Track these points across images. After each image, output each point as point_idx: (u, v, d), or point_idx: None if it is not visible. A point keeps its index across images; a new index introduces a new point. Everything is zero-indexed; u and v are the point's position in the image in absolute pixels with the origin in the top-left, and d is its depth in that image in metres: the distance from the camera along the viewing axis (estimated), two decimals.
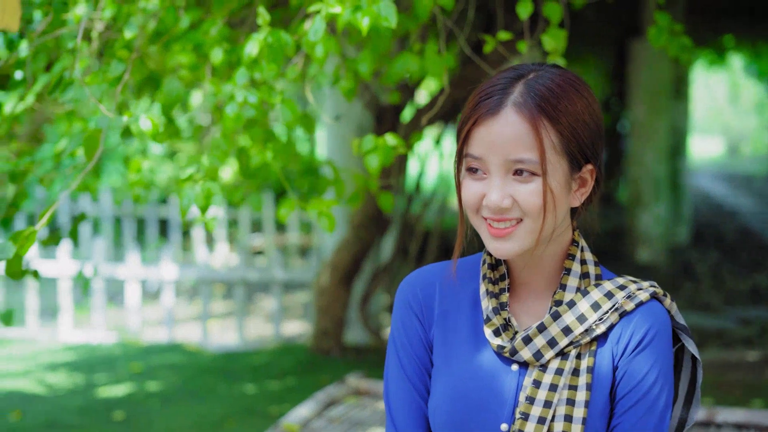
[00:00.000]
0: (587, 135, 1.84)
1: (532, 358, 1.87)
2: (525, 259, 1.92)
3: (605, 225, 14.62)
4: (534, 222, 1.82)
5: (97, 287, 8.21)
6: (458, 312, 1.98)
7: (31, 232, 2.76)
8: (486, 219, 1.85)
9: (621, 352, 1.86)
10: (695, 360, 1.98)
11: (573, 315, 1.86)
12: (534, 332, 1.87)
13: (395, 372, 2.00)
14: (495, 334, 1.89)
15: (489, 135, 1.81)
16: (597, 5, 11.19)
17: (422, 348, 1.99)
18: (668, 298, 1.92)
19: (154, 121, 2.88)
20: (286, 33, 2.99)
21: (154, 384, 6.71)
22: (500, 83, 1.85)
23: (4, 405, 6.17)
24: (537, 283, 1.94)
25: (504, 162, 1.80)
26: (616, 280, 1.92)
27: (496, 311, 1.91)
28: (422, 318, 1.99)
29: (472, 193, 1.85)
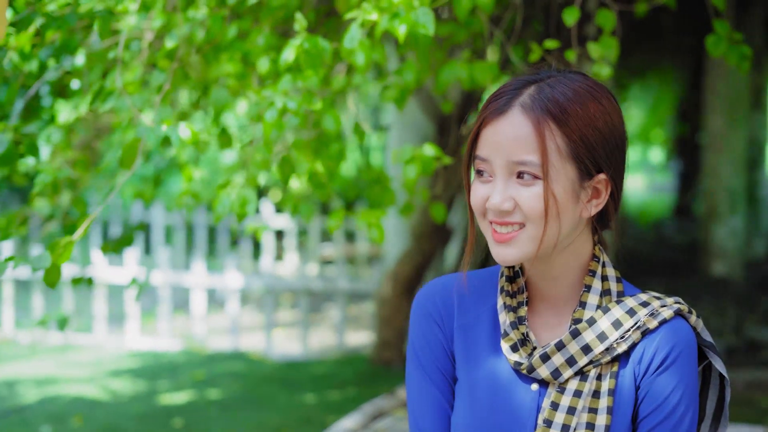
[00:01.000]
0: (599, 142, 1.77)
1: (550, 376, 1.80)
2: (541, 270, 1.85)
3: (681, 238, 14.38)
4: (536, 228, 1.75)
5: (163, 295, 8.30)
6: (478, 326, 1.92)
7: (68, 242, 2.77)
8: (491, 223, 1.79)
9: (643, 372, 1.79)
10: (723, 378, 1.90)
11: (593, 333, 1.79)
12: (552, 350, 1.80)
13: (418, 379, 1.93)
14: (512, 349, 1.83)
15: (494, 135, 1.77)
16: (675, 16, 11.04)
17: (444, 356, 1.93)
18: (693, 315, 1.84)
19: (194, 129, 2.87)
20: (324, 39, 2.96)
21: (215, 392, 6.75)
22: (514, 85, 1.80)
23: (67, 410, 6.25)
24: (556, 297, 1.87)
25: (507, 163, 1.75)
26: (638, 297, 1.84)
27: (513, 326, 1.84)
28: (443, 327, 1.93)
29: (479, 197, 1.80)
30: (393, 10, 2.81)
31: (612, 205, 1.85)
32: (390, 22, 2.82)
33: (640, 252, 12.86)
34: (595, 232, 1.88)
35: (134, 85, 3.14)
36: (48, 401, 6.48)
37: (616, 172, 1.81)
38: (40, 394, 6.64)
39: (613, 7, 3.64)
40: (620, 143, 1.81)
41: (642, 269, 11.48)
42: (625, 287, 1.88)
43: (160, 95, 3.02)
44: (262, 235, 7.43)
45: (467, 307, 1.93)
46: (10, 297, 8.47)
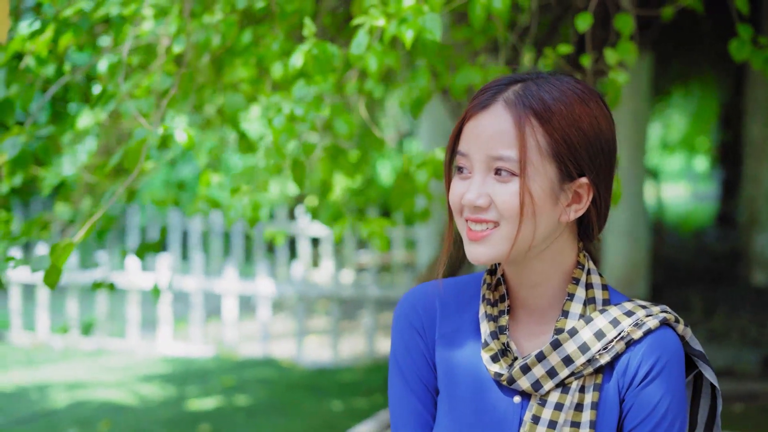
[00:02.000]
0: (583, 144, 1.71)
1: (531, 388, 1.74)
2: (521, 277, 1.79)
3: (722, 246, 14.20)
4: (511, 227, 1.70)
5: (196, 301, 8.32)
6: (460, 336, 1.86)
7: (68, 244, 2.76)
8: (467, 221, 1.74)
9: (628, 384, 1.73)
10: (715, 387, 1.84)
11: (575, 344, 1.73)
12: (533, 361, 1.74)
13: (400, 390, 1.88)
14: (493, 359, 1.77)
15: (475, 129, 1.72)
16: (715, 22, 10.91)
17: (426, 367, 1.87)
18: (681, 324, 1.78)
19: (190, 134, 2.86)
20: (333, 45, 2.94)
21: (243, 398, 6.75)
22: (501, 82, 1.76)
23: (94, 415, 6.28)
24: (538, 305, 1.81)
25: (486, 158, 1.70)
26: (623, 306, 1.77)
27: (494, 335, 1.78)
28: (425, 336, 1.88)
29: (456, 194, 1.75)
30: (401, 15, 2.79)
31: (594, 213, 1.78)
32: (398, 28, 2.80)
33: (679, 260, 12.71)
34: (580, 239, 1.82)
35: (144, 90, 3.14)
36: (77, 406, 6.52)
37: (599, 178, 1.75)
38: (70, 399, 6.68)
39: (631, 11, 3.59)
40: (606, 149, 1.75)
41: (681, 278, 11.35)
42: (611, 295, 1.81)
43: (166, 99, 3.02)
44: (298, 242, 7.31)
45: (450, 316, 1.88)
46: (46, 302, 8.54)
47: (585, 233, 1.82)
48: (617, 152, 1.80)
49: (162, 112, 2.93)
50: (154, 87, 3.23)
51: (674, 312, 1.79)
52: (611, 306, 1.78)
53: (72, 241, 2.82)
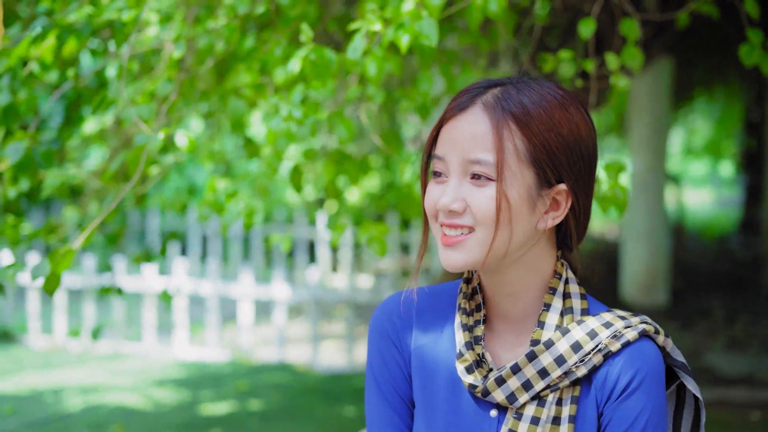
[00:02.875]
0: (562, 149, 1.68)
1: (506, 400, 1.71)
2: (498, 286, 1.76)
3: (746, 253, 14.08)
4: (486, 233, 1.66)
5: (212, 305, 8.34)
6: (437, 346, 1.82)
7: (67, 251, 2.77)
8: (442, 226, 1.71)
9: (606, 398, 1.70)
10: (698, 398, 1.81)
11: (551, 356, 1.69)
12: (508, 373, 1.70)
13: (376, 403, 1.86)
14: (467, 371, 1.74)
15: (452, 132, 1.70)
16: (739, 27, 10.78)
17: (402, 379, 1.85)
18: (661, 335, 1.74)
19: (191, 138, 2.86)
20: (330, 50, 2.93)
21: (257, 403, 6.75)
22: (480, 85, 1.73)
23: (108, 419, 6.30)
24: (515, 315, 1.77)
25: (462, 162, 1.67)
26: (602, 317, 1.74)
27: (469, 346, 1.75)
28: (401, 348, 1.85)
29: (432, 198, 1.72)
30: (399, 20, 2.77)
31: (573, 221, 1.75)
32: (395, 33, 2.78)
33: (701, 267, 12.63)
34: (559, 248, 1.79)
35: (146, 96, 3.14)
36: (91, 409, 6.53)
37: (578, 185, 1.71)
38: (84, 402, 6.70)
39: (635, 16, 3.56)
40: (586, 155, 1.72)
41: (702, 284, 11.27)
42: (590, 305, 1.78)
43: (166, 104, 3.02)
44: (317, 247, 7.25)
45: (426, 325, 1.85)
46: (63, 306, 8.58)
47: (564, 242, 1.80)
48: (597, 159, 1.77)
49: (162, 117, 2.93)
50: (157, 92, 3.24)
51: (654, 323, 1.75)
52: (589, 316, 1.74)
53: (71, 247, 2.82)
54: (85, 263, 8.29)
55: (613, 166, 2.87)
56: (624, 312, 1.77)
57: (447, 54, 3.82)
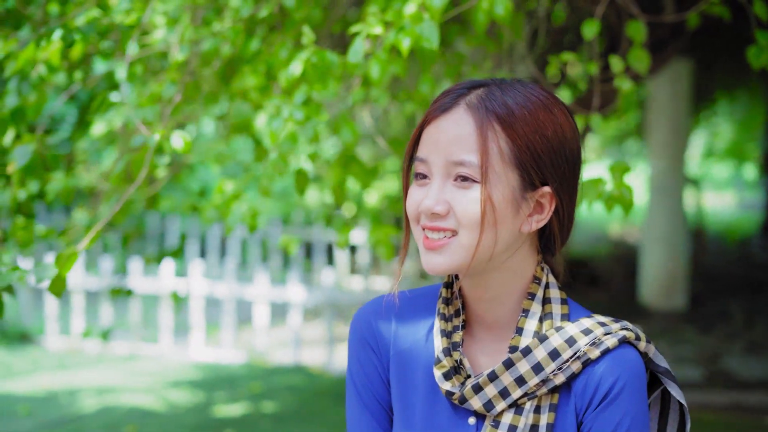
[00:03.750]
0: (546, 152, 1.65)
1: (483, 408, 1.68)
2: (478, 291, 1.73)
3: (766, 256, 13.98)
4: (469, 236, 1.63)
5: (227, 307, 8.36)
6: (416, 351, 1.80)
7: (72, 253, 2.78)
8: (424, 229, 1.67)
9: (586, 406, 1.66)
10: (682, 404, 1.78)
11: (528, 364, 1.66)
12: (485, 380, 1.68)
13: (356, 409, 1.84)
14: (445, 377, 1.71)
15: (435, 133, 1.66)
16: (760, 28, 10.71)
17: (381, 385, 1.82)
18: (643, 341, 1.71)
19: (186, 139, 2.86)
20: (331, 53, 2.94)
21: (270, 405, 6.76)
22: (463, 85, 1.70)
23: (122, 420, 6.33)
24: (495, 321, 1.74)
25: (445, 164, 1.64)
26: (581, 323, 1.70)
27: (446, 352, 1.72)
28: (379, 354, 1.82)
29: (413, 201, 1.68)
30: (400, 23, 2.77)
31: (557, 224, 1.73)
32: (396, 36, 2.78)
33: (721, 270, 12.55)
34: (540, 252, 1.76)
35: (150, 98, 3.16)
36: (105, 410, 6.56)
37: (562, 188, 1.69)
38: (99, 404, 6.74)
39: (642, 18, 3.55)
40: (570, 158, 1.70)
41: (722, 287, 11.21)
42: (571, 310, 1.75)
43: (170, 107, 3.03)
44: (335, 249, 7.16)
45: (405, 330, 1.82)
46: (81, 307, 8.62)
47: (546, 246, 1.77)
48: (581, 162, 1.76)
49: (166, 119, 2.94)
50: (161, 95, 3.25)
51: (636, 329, 1.72)
52: (569, 323, 1.71)
53: (76, 249, 2.84)
54: (103, 265, 8.33)
55: (618, 167, 2.86)
56: (605, 318, 1.73)
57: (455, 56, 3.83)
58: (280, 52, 3.51)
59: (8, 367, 7.86)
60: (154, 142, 2.80)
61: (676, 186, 10.24)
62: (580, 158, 1.73)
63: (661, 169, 10.22)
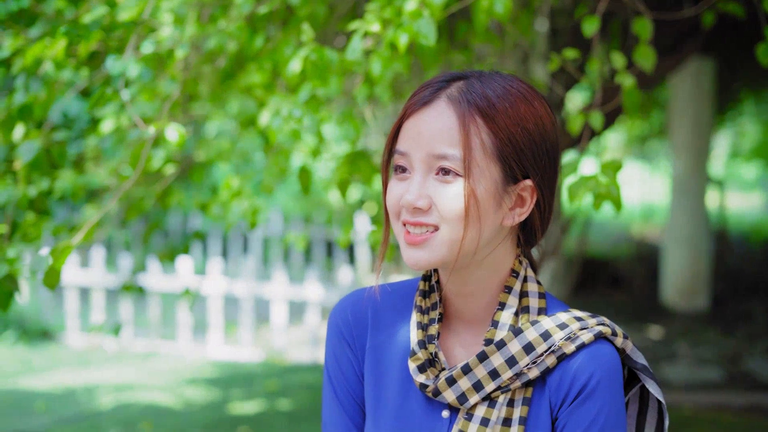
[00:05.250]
0: (528, 144, 1.65)
1: (456, 401, 1.68)
2: (457, 285, 1.72)
3: None
4: (451, 231, 1.62)
5: (245, 306, 8.38)
6: (392, 345, 1.79)
7: (67, 246, 2.80)
8: (405, 225, 1.66)
9: (560, 402, 1.66)
10: (661, 402, 1.77)
11: (502, 357, 1.65)
12: (458, 373, 1.67)
13: (331, 403, 1.84)
14: (420, 370, 1.71)
15: (416, 126, 1.65)
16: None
17: (356, 381, 1.82)
18: (620, 336, 1.69)
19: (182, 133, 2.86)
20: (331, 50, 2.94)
21: (286, 403, 6.77)
22: (442, 78, 1.69)
23: (138, 416, 6.36)
24: (473, 314, 1.74)
25: (427, 157, 1.63)
26: (557, 317, 1.69)
27: (422, 344, 1.71)
28: (354, 348, 1.82)
29: (394, 195, 1.67)
30: (398, 20, 2.77)
31: (538, 217, 1.72)
32: (394, 33, 2.78)
33: (745, 271, 12.45)
34: (519, 246, 1.76)
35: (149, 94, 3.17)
36: (122, 407, 6.60)
37: (543, 181, 1.69)
38: (116, 401, 6.78)
39: (648, 15, 3.52)
40: (551, 151, 1.69)
41: (746, 289, 11.12)
42: (548, 304, 1.74)
43: (169, 102, 3.04)
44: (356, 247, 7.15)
45: (383, 324, 1.82)
46: (101, 305, 8.68)
47: (526, 239, 1.77)
48: (560, 155, 1.75)
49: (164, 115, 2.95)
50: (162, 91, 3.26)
51: (613, 324, 1.71)
52: (545, 317, 1.70)
53: (71, 243, 2.86)
54: (122, 263, 8.38)
55: (611, 165, 2.84)
56: (582, 313, 1.72)
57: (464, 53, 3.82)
58: (285, 50, 3.52)
59: (28, 363, 7.92)
60: (151, 136, 2.81)
61: (699, 186, 10.18)
62: (559, 150, 1.73)
63: (683, 169, 10.16)
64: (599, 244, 14.29)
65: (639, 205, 15.96)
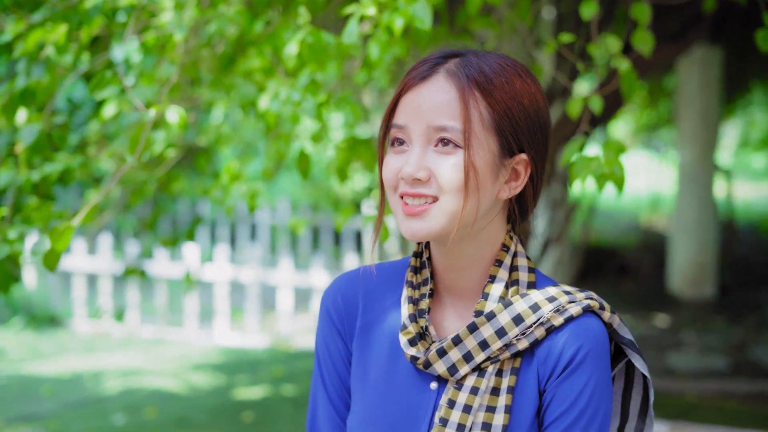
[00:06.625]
0: (523, 119, 1.68)
1: (447, 372, 1.69)
2: (450, 260, 1.74)
3: None
4: (450, 202, 1.63)
5: (252, 292, 8.41)
6: (382, 321, 1.81)
7: (67, 228, 2.82)
8: (402, 197, 1.67)
9: (548, 374, 1.67)
10: (646, 377, 1.78)
11: (492, 328, 1.67)
12: (449, 344, 1.69)
13: (320, 392, 1.85)
14: (410, 343, 1.72)
15: (415, 100, 1.67)
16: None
17: (344, 367, 1.84)
18: (607, 311, 1.71)
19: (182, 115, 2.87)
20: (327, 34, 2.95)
21: (291, 388, 6.81)
22: (438, 55, 1.72)
23: (143, 401, 6.41)
24: (463, 288, 1.75)
25: (426, 129, 1.65)
26: (546, 290, 1.71)
27: (412, 318, 1.73)
28: (343, 332, 1.84)
29: (391, 169, 1.68)
30: (395, 4, 2.78)
31: (531, 192, 1.75)
32: (390, 17, 2.79)
33: (753, 261, 12.43)
34: (509, 221, 1.78)
35: (147, 78, 3.19)
36: (128, 392, 6.65)
37: (537, 155, 1.72)
38: (122, 386, 6.82)
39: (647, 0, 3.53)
40: (544, 126, 1.73)
41: (753, 278, 11.11)
42: (538, 279, 1.76)
43: (168, 85, 3.06)
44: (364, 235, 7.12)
45: (374, 303, 1.83)
46: (108, 291, 8.72)
47: (520, 213, 1.79)
48: (551, 135, 1.77)
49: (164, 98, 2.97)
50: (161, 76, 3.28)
51: (601, 299, 1.73)
52: (534, 290, 1.72)
53: (71, 224, 2.88)
54: (129, 249, 8.42)
55: (613, 145, 2.85)
56: (570, 287, 1.74)
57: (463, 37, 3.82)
58: (284, 34, 3.53)
59: (36, 349, 7.98)
60: (150, 119, 2.83)
61: (706, 176, 10.17)
62: (550, 127, 1.76)
63: (690, 158, 10.15)
64: (607, 233, 14.29)
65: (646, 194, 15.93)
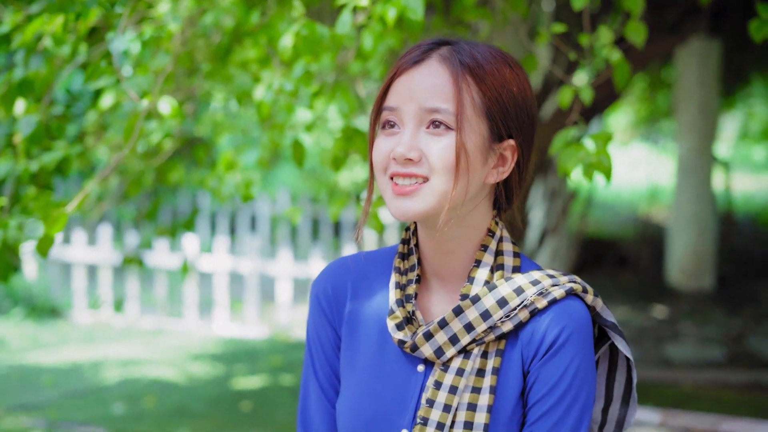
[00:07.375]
0: (512, 105, 1.73)
1: (434, 355, 1.73)
2: (437, 244, 1.77)
3: None
4: (441, 182, 1.67)
5: (251, 283, 8.45)
6: (369, 309, 1.85)
7: (61, 214, 2.86)
8: (392, 178, 1.70)
9: (532, 355, 1.71)
10: (629, 359, 1.82)
11: (477, 311, 1.71)
12: (435, 328, 1.73)
13: (310, 379, 1.89)
14: (398, 327, 1.76)
15: (408, 83, 1.71)
16: None
17: (334, 354, 1.87)
18: (590, 294, 1.75)
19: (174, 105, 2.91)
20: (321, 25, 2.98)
21: (289, 378, 6.85)
22: (431, 41, 1.76)
23: (143, 391, 6.45)
24: (450, 273, 1.79)
25: (419, 111, 1.69)
26: (530, 274, 1.75)
27: (400, 303, 1.77)
28: (332, 318, 1.87)
29: (381, 151, 1.72)
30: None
31: (516, 178, 1.79)
32: (383, 7, 2.82)
33: (752, 253, 12.45)
34: (495, 206, 1.82)
35: (142, 68, 3.22)
36: (127, 382, 6.69)
37: (524, 142, 1.77)
38: (121, 376, 6.86)
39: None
40: (531, 115, 1.78)
41: (752, 270, 11.13)
42: (522, 263, 1.80)
43: (162, 76, 3.09)
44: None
45: (363, 288, 1.87)
46: (108, 282, 8.76)
47: (506, 200, 1.83)
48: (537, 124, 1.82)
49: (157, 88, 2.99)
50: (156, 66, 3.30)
51: (584, 282, 1.76)
52: (519, 274, 1.76)
53: (65, 211, 2.92)
54: (128, 240, 8.45)
55: (601, 136, 2.88)
56: (554, 271, 1.78)
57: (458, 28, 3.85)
58: (279, 25, 3.56)
59: (36, 340, 8.02)
60: (144, 109, 2.86)
61: (705, 167, 10.19)
62: (537, 115, 1.81)
63: (688, 150, 10.17)
64: (606, 225, 14.33)
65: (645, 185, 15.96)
